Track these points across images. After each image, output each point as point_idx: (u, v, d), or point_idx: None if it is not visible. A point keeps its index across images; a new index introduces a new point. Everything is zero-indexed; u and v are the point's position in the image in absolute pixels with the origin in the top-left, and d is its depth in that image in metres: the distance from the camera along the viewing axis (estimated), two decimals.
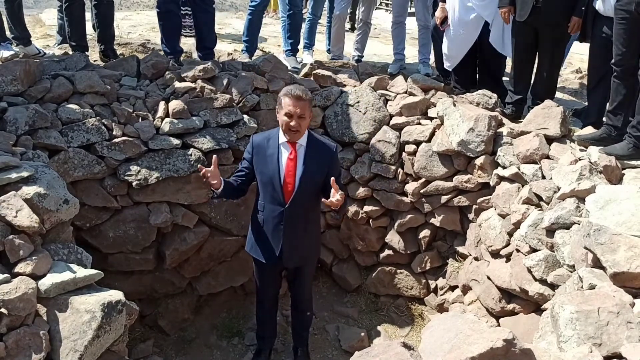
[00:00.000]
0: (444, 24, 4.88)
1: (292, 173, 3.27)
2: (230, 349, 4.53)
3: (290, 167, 3.27)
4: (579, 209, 3.29)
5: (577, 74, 6.14)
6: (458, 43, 4.84)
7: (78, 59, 4.35)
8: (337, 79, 5.11)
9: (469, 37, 4.78)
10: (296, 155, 3.28)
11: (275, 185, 3.28)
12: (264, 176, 3.31)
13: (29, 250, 2.61)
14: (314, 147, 3.32)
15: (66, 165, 3.75)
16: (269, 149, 3.30)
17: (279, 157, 3.28)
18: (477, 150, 4.20)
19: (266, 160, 3.29)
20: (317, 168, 3.29)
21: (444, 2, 4.83)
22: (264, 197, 3.38)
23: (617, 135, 3.71)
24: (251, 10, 5.36)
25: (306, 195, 3.32)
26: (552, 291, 3.28)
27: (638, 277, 2.52)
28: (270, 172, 3.28)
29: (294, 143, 3.26)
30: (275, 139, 3.30)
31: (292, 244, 3.43)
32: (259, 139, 3.37)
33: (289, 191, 3.29)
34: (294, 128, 3.15)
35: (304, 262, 3.66)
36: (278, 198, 3.31)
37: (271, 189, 3.31)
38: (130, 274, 4.32)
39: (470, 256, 4.39)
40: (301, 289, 3.85)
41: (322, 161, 3.31)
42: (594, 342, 2.13)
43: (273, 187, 3.29)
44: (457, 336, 1.93)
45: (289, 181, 3.28)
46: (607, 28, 3.91)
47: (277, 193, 3.30)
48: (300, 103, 3.11)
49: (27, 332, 2.40)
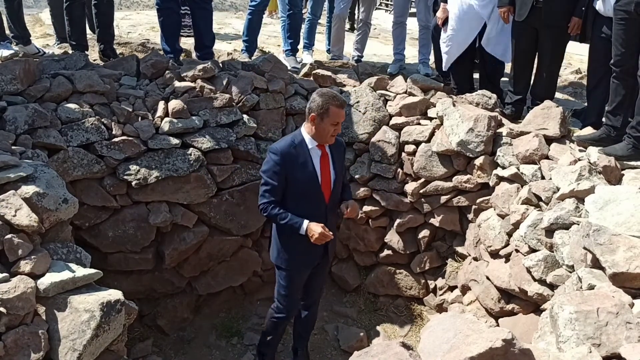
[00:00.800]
0: (446, 24, 4.88)
1: (327, 172, 3.31)
2: (229, 348, 4.53)
3: (325, 167, 3.29)
4: (578, 210, 3.29)
5: (577, 74, 6.14)
6: (456, 42, 4.84)
7: (78, 58, 4.35)
8: (337, 79, 5.11)
9: (468, 37, 4.79)
10: (325, 153, 3.30)
11: (316, 189, 3.27)
12: (299, 184, 3.23)
13: (28, 250, 2.61)
14: (334, 145, 3.35)
15: (65, 165, 3.74)
16: (299, 157, 3.21)
17: (313, 162, 3.25)
18: (476, 150, 4.20)
19: (301, 168, 3.21)
20: (341, 162, 3.45)
21: (445, 3, 4.83)
22: (303, 206, 3.24)
23: (617, 136, 3.71)
24: (251, 10, 5.36)
25: (339, 189, 3.43)
26: (552, 291, 3.27)
27: (637, 277, 2.52)
28: (308, 178, 3.23)
29: (322, 145, 3.27)
30: (303, 146, 3.23)
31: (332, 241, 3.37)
32: (284, 150, 3.19)
33: (328, 189, 3.32)
34: (336, 133, 3.20)
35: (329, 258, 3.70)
36: (319, 200, 3.31)
37: (311, 194, 3.28)
38: (130, 274, 4.32)
39: (469, 256, 4.39)
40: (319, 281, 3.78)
41: (341, 153, 3.45)
42: (593, 343, 2.12)
43: (313, 192, 3.28)
44: (456, 336, 1.93)
45: (325, 180, 3.30)
46: (607, 28, 3.91)
47: (317, 196, 3.29)
48: (344, 110, 3.18)
49: (26, 331, 2.40)
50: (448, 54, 4.94)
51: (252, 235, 4.82)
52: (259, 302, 5.03)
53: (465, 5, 4.66)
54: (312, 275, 3.64)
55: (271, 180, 3.19)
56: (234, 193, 4.49)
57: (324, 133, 3.17)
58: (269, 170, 3.20)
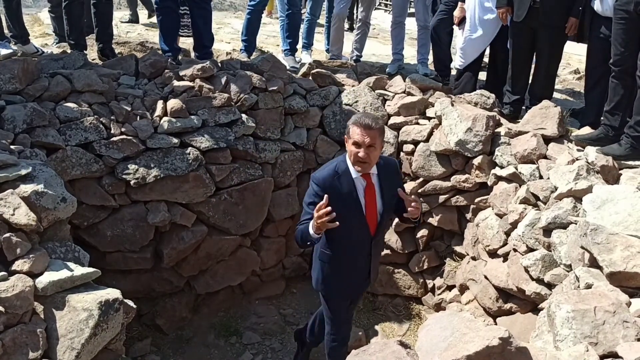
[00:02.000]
0: (462, 23, 4.90)
1: (373, 204, 3.06)
2: (228, 348, 4.53)
3: (370, 200, 3.04)
4: (576, 209, 3.29)
5: (575, 74, 6.15)
6: (474, 43, 4.85)
7: (76, 57, 4.35)
8: (336, 78, 5.11)
9: (486, 38, 4.80)
10: (371, 184, 3.04)
11: (361, 221, 3.05)
12: (343, 217, 2.83)
13: (26, 249, 2.61)
14: (384, 171, 3.07)
15: (64, 164, 3.74)
16: (342, 188, 2.97)
17: (357, 193, 3.01)
18: (475, 150, 4.21)
19: (344, 201, 2.94)
20: (391, 190, 3.08)
21: (463, 2, 4.86)
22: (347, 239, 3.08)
23: (615, 136, 3.72)
24: (250, 10, 5.36)
25: (385, 223, 3.23)
26: (549, 290, 3.29)
27: (634, 276, 2.53)
28: (352, 211, 3.00)
29: (367, 174, 3.00)
30: (347, 175, 2.99)
31: (375, 266, 3.33)
32: (326, 179, 2.98)
33: (374, 222, 3.09)
34: (362, 159, 2.87)
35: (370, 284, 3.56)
36: (363, 233, 3.09)
37: (356, 227, 3.05)
38: (128, 273, 4.32)
39: (467, 256, 4.40)
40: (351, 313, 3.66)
41: (392, 180, 3.12)
42: (590, 341, 2.13)
43: (357, 224, 3.04)
44: (454, 334, 1.93)
45: (370, 212, 3.06)
46: (605, 28, 3.92)
47: (361, 228, 3.06)
48: (369, 132, 2.83)
49: (24, 330, 2.40)
50: (465, 54, 4.95)
51: (251, 234, 4.83)
52: (257, 301, 5.04)
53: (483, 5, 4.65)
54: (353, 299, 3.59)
55: (310, 210, 2.91)
56: (232, 192, 4.49)
57: (350, 156, 2.94)
58: (309, 200, 2.99)
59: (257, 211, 4.68)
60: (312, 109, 4.87)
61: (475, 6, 4.72)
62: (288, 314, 4.96)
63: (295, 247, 5.27)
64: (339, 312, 3.43)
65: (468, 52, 4.93)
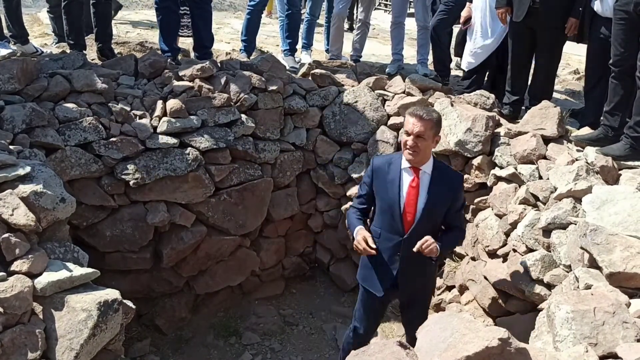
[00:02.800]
0: (468, 22, 4.92)
1: (413, 202, 3.00)
2: (227, 348, 4.53)
3: (411, 195, 3.00)
4: (576, 209, 3.29)
5: (575, 74, 6.15)
6: (484, 47, 4.87)
7: (75, 57, 4.34)
8: (336, 78, 5.11)
9: (495, 43, 4.82)
10: (419, 183, 3.01)
11: (395, 213, 3.03)
12: (383, 202, 3.07)
13: (25, 249, 2.60)
14: (439, 176, 3.01)
15: (63, 164, 3.74)
16: (389, 174, 3.05)
17: (400, 184, 3.02)
18: (474, 150, 4.21)
19: (386, 186, 3.04)
20: (441, 199, 3.01)
21: (470, 2, 4.88)
22: (382, 224, 3.11)
23: (614, 136, 3.72)
24: (250, 10, 5.36)
25: (427, 226, 3.03)
26: (549, 291, 3.28)
27: (634, 277, 2.52)
28: (390, 199, 3.03)
29: (417, 169, 3.00)
30: (397, 164, 3.05)
31: (407, 277, 3.14)
32: (380, 162, 3.13)
33: (409, 221, 3.02)
34: (410, 147, 2.90)
35: (418, 296, 3.35)
36: (396, 227, 3.04)
37: (389, 216, 3.06)
38: (127, 273, 4.32)
39: (467, 256, 4.39)
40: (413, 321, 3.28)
41: (446, 191, 3.03)
42: (589, 342, 2.13)
43: (392, 216, 3.04)
44: (453, 335, 1.93)
45: (409, 210, 3.01)
46: (605, 29, 3.92)
47: (395, 222, 3.04)
48: (420, 122, 2.87)
49: (23, 330, 2.39)
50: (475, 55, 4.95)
51: (250, 234, 4.83)
52: (257, 301, 5.04)
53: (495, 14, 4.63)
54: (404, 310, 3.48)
55: (361, 188, 3.25)
56: (232, 193, 4.49)
57: (402, 145, 2.99)
58: (363, 178, 3.26)
59: (257, 211, 4.68)
60: (311, 109, 4.87)
61: (486, 12, 4.72)
62: (287, 314, 4.96)
63: (294, 248, 5.28)
64: (363, 305, 3.38)
65: (480, 56, 4.93)
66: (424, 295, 3.40)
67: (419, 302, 3.37)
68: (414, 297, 3.31)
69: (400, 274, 3.11)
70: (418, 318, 3.16)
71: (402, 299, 3.37)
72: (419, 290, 3.29)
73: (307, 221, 5.26)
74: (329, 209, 5.12)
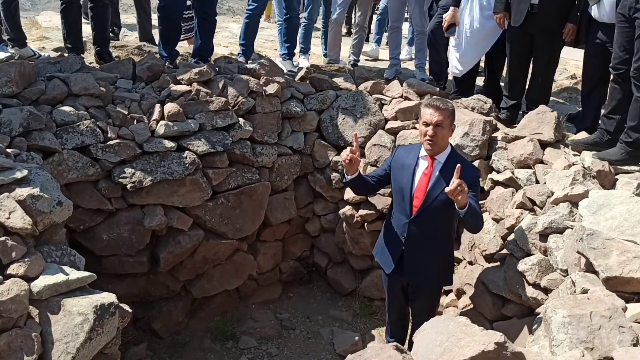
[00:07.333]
0: (451, 29, 4.86)
1: (423, 187, 3.21)
2: (224, 352, 4.52)
3: (423, 181, 3.22)
4: (572, 214, 3.30)
5: (572, 79, 6.17)
6: (474, 50, 4.84)
7: (73, 61, 4.34)
8: (333, 83, 5.12)
9: (485, 45, 4.80)
10: (431, 170, 3.21)
11: (405, 196, 3.26)
12: (396, 184, 3.34)
13: (22, 252, 2.59)
14: (452, 166, 2.95)
15: (60, 167, 3.73)
16: (407, 160, 3.31)
17: (415, 170, 3.25)
18: (471, 154, 4.22)
19: (402, 170, 3.30)
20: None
21: (456, 7, 4.78)
22: (395, 206, 3.40)
23: (610, 140, 3.73)
24: (248, 14, 5.36)
25: (434, 212, 3.20)
26: (546, 295, 3.28)
27: (630, 281, 2.53)
28: (403, 182, 3.27)
29: (432, 158, 3.21)
30: (417, 152, 3.30)
31: (413, 259, 3.35)
32: (402, 149, 3.47)
33: (416, 205, 3.23)
34: (430, 136, 3.10)
35: (425, 283, 3.48)
36: (405, 209, 3.28)
37: (400, 198, 3.30)
38: (124, 277, 4.31)
39: (464, 260, 4.39)
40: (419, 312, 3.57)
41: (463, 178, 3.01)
42: (586, 346, 2.13)
43: (402, 198, 3.28)
44: (449, 339, 1.93)
45: (417, 195, 3.22)
46: (602, 34, 3.94)
47: (404, 204, 3.27)
48: (438, 111, 3.08)
49: (19, 334, 2.38)
50: (464, 62, 4.90)
51: (248, 238, 4.82)
52: (254, 305, 5.04)
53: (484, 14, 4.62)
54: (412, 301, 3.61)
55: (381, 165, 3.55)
56: (229, 196, 4.49)
57: (420, 136, 3.22)
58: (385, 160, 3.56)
59: (254, 215, 4.68)
60: (309, 113, 4.88)
61: (474, 14, 4.69)
62: (285, 318, 4.95)
63: (292, 252, 5.28)
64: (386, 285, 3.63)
65: (467, 59, 4.89)
66: (429, 285, 3.52)
67: (423, 293, 3.52)
68: (418, 283, 3.47)
69: (406, 252, 3.34)
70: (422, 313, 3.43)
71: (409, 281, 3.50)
72: (423, 276, 3.41)
73: (304, 225, 5.26)
74: (326, 213, 5.12)
